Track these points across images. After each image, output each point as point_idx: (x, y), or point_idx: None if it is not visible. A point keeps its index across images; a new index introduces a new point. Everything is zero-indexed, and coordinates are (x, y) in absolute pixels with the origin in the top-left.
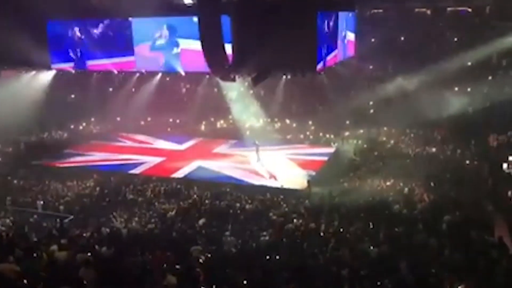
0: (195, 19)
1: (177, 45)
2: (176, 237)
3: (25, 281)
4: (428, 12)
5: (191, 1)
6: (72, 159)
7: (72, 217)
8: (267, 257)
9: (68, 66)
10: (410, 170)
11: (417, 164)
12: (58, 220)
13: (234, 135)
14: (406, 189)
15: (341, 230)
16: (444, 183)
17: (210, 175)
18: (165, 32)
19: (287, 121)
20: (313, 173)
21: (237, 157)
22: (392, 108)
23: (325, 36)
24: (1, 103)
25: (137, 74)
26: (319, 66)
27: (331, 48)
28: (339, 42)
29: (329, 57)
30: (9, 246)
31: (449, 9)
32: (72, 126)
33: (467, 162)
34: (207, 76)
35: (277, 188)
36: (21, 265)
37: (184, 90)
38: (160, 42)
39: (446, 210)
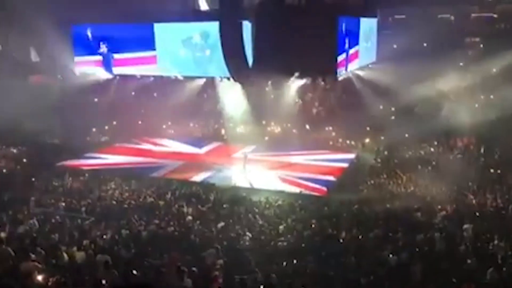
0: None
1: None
2: (194, 240)
3: (47, 280)
4: (452, 17)
5: (207, 7)
6: (94, 162)
7: (93, 218)
8: (285, 263)
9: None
10: (432, 178)
11: (439, 172)
12: (79, 221)
13: (254, 140)
14: (428, 197)
15: (360, 237)
16: (466, 191)
17: (228, 179)
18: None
19: (307, 126)
20: (333, 179)
21: (256, 162)
22: (414, 114)
23: (346, 41)
24: (27, 106)
25: (159, 78)
26: (339, 70)
27: (352, 53)
28: (360, 47)
29: (349, 62)
30: (31, 245)
31: (473, 15)
32: (94, 129)
33: (491, 170)
34: (229, 81)
35: (296, 194)
36: (42, 264)
37: (205, 95)
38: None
39: (468, 218)
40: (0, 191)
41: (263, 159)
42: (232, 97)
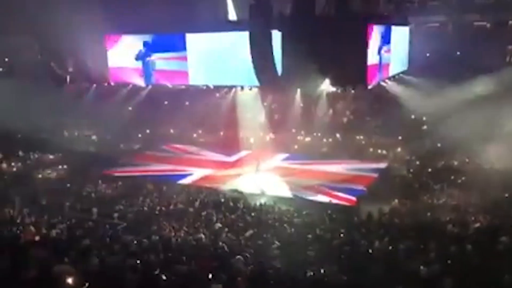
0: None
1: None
2: (222, 247)
3: (78, 283)
4: (488, 25)
5: (235, 18)
6: (127, 169)
7: (125, 224)
8: (313, 272)
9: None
10: (465, 188)
11: (473, 182)
12: (111, 226)
13: (283, 148)
14: (461, 208)
15: (391, 248)
16: (502, 203)
17: (257, 187)
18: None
19: (337, 135)
20: (363, 189)
21: (285, 170)
22: (446, 123)
23: (377, 50)
24: (63, 115)
25: (190, 88)
26: (370, 79)
27: (383, 62)
28: (391, 56)
29: (381, 71)
30: (64, 248)
31: (511, 22)
32: (128, 137)
33: None
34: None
35: (325, 203)
36: (74, 267)
37: (235, 104)
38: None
39: (503, 231)
40: (37, 196)
41: (293, 168)
42: (261, 106)
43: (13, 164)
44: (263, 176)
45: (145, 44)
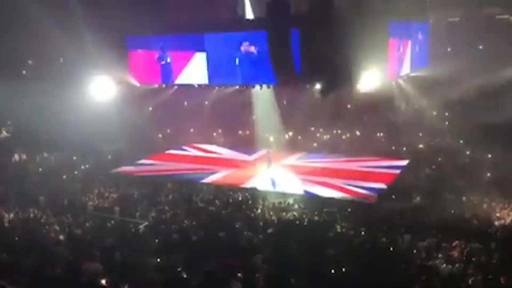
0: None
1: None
2: (243, 245)
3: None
4: (510, 18)
5: (252, 16)
6: (147, 168)
7: (146, 223)
8: (333, 270)
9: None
10: (490, 185)
11: (497, 179)
12: (133, 225)
13: (303, 146)
14: (484, 205)
15: (412, 245)
16: None
17: (277, 186)
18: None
19: (357, 132)
20: (384, 187)
21: (305, 168)
22: (469, 119)
23: (397, 46)
24: (83, 115)
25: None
26: (391, 75)
27: (403, 58)
28: (412, 51)
29: (401, 67)
30: (88, 247)
31: None
32: (149, 137)
33: None
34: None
35: (346, 201)
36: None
37: (254, 103)
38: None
39: None
40: (60, 196)
41: (312, 166)
42: (280, 105)
43: (37, 164)
44: (282, 175)
45: (163, 44)
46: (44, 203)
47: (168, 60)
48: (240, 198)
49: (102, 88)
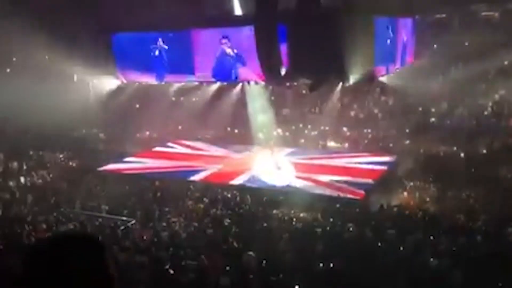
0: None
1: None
2: (231, 242)
3: None
4: (496, 15)
5: (241, 12)
6: (134, 166)
7: (134, 221)
8: (321, 265)
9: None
10: (476, 180)
11: (483, 173)
12: (121, 223)
13: (291, 143)
14: (470, 200)
15: (400, 240)
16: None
17: (266, 183)
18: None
19: (344, 128)
20: (372, 182)
21: (293, 165)
22: (455, 115)
23: (383, 43)
24: (71, 113)
25: (197, 84)
26: (378, 72)
27: (390, 54)
28: (398, 48)
29: (388, 63)
30: None
31: None
32: (138, 135)
33: None
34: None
35: (334, 197)
36: None
37: (241, 100)
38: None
39: None
40: (47, 194)
41: (300, 162)
42: (267, 101)
43: (23, 163)
44: (271, 171)
45: (153, 42)
46: (31, 202)
47: (157, 53)
48: (229, 195)
49: (88, 85)
